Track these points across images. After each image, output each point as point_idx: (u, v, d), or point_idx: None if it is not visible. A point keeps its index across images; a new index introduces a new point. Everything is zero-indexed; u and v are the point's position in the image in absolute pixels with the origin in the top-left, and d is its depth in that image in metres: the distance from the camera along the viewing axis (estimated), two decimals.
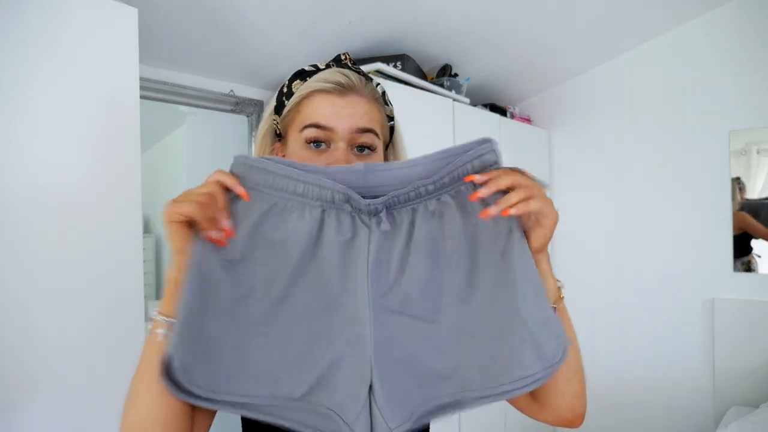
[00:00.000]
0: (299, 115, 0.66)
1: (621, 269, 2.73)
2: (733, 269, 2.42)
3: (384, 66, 1.87)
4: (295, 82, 0.68)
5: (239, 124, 2.15)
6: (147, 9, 1.38)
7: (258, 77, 2.02)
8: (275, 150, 0.71)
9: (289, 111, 0.67)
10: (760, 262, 2.37)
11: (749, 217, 2.40)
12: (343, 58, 0.71)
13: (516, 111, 2.80)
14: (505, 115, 2.64)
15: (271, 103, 0.72)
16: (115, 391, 1.14)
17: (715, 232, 2.46)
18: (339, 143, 0.64)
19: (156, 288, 3.69)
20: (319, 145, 0.65)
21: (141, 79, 1.52)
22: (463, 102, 2.29)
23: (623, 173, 2.75)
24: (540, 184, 0.54)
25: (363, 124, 0.65)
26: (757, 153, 2.38)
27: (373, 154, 0.67)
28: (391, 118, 0.73)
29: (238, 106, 2.03)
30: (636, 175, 2.71)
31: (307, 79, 0.67)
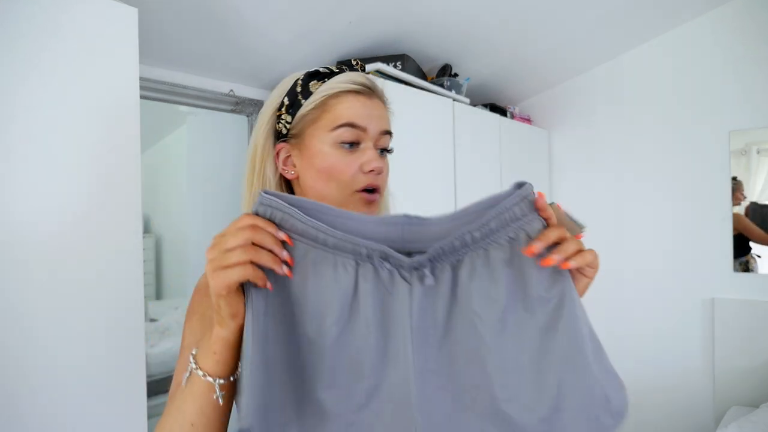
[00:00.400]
0: (327, 114, 0.66)
1: (621, 269, 2.73)
2: (733, 269, 2.42)
3: (384, 66, 1.87)
4: (312, 82, 0.68)
5: (239, 124, 2.15)
6: (147, 9, 1.38)
7: (258, 77, 2.02)
8: (279, 150, 0.70)
9: (311, 110, 0.67)
10: (760, 262, 2.38)
11: (746, 220, 2.40)
12: (354, 63, 0.72)
13: (516, 111, 2.80)
14: (505, 115, 2.64)
15: (271, 102, 0.70)
16: (115, 391, 1.14)
17: (715, 232, 2.46)
18: (368, 143, 0.67)
19: (156, 288, 3.67)
20: (353, 145, 0.66)
21: (141, 78, 1.52)
22: (463, 102, 2.28)
23: (623, 173, 2.75)
24: (579, 224, 0.53)
25: (387, 126, 0.69)
26: (757, 153, 2.38)
27: (387, 157, 0.71)
28: None
29: (238, 106, 2.03)
30: (636, 175, 2.71)
31: (326, 80, 0.67)
